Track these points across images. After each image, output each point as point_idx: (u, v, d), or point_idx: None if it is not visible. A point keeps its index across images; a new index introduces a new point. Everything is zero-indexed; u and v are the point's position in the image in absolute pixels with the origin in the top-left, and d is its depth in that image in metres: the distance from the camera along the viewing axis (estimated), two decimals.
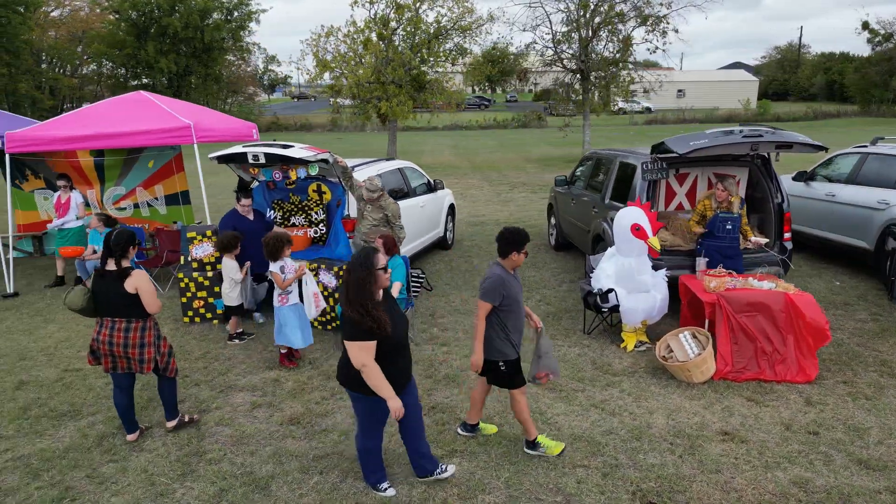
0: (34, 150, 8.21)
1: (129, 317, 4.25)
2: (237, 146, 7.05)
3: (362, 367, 3.45)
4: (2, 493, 3.99)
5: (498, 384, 4.19)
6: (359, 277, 3.42)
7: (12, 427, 4.82)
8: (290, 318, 5.62)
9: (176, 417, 4.60)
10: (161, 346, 4.41)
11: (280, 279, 5.60)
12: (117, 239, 4.23)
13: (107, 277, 4.23)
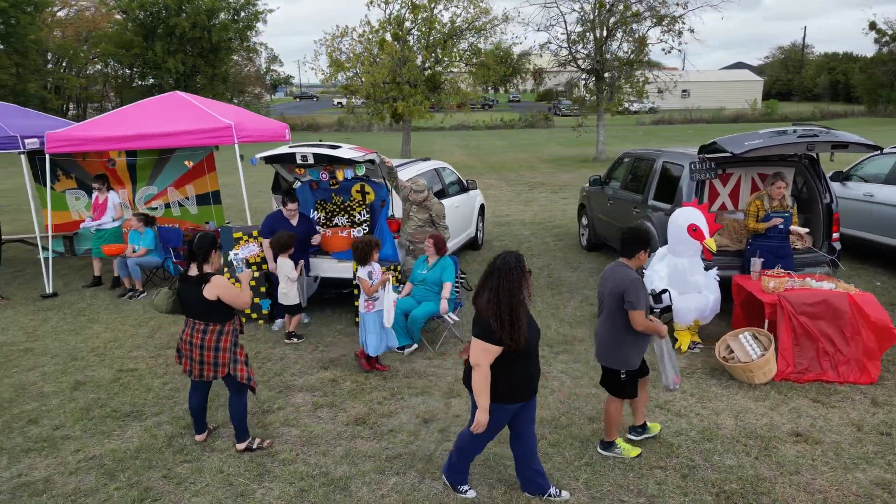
0: (74, 151, 8.22)
1: (206, 320, 4.25)
2: (283, 146, 7.05)
3: (476, 365, 3.38)
4: (81, 493, 3.99)
5: (609, 388, 4.14)
6: (514, 280, 3.31)
7: (78, 427, 4.82)
8: (373, 324, 5.54)
9: (245, 440, 4.44)
10: (237, 354, 4.37)
11: (367, 285, 5.51)
12: (200, 243, 4.23)
13: (189, 282, 4.23)
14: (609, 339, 4.03)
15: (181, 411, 5.03)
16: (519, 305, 3.33)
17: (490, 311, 3.33)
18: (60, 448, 4.52)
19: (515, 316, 3.31)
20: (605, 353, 4.07)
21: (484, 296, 3.39)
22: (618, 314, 3.98)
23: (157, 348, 6.40)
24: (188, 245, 4.27)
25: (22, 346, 6.50)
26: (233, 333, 4.35)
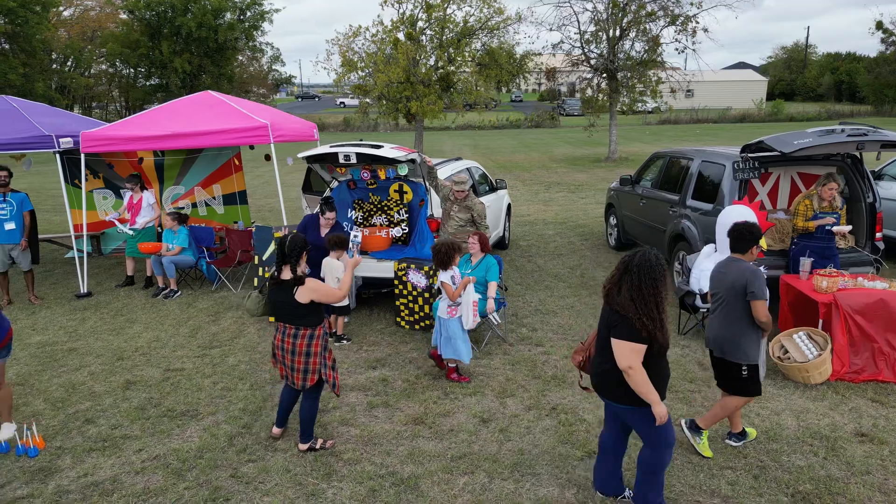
0: (110, 150, 8.22)
1: (297, 325, 4.24)
2: (324, 146, 7.05)
3: (628, 368, 3.26)
4: (151, 493, 3.99)
5: (731, 389, 4.12)
6: (655, 278, 3.26)
7: (136, 427, 4.81)
8: (459, 331, 5.36)
9: (309, 441, 4.43)
10: (326, 359, 4.33)
11: (451, 290, 5.34)
12: (292, 245, 4.20)
13: (282, 285, 4.21)
14: (729, 334, 4.02)
15: (237, 411, 5.03)
16: (664, 302, 3.29)
17: (637, 309, 3.24)
18: (122, 448, 4.52)
19: (663, 312, 3.28)
20: (726, 349, 4.05)
21: (622, 294, 3.30)
22: (737, 308, 3.98)
23: (201, 348, 6.40)
24: (279, 248, 4.24)
25: (65, 346, 6.50)
26: (323, 338, 4.31)
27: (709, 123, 49.10)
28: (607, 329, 3.41)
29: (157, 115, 8.44)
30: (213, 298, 8.02)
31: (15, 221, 7.84)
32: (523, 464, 4.20)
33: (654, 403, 3.31)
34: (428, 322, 6.67)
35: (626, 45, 22.76)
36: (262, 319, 7.16)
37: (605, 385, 3.49)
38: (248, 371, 5.80)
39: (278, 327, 4.32)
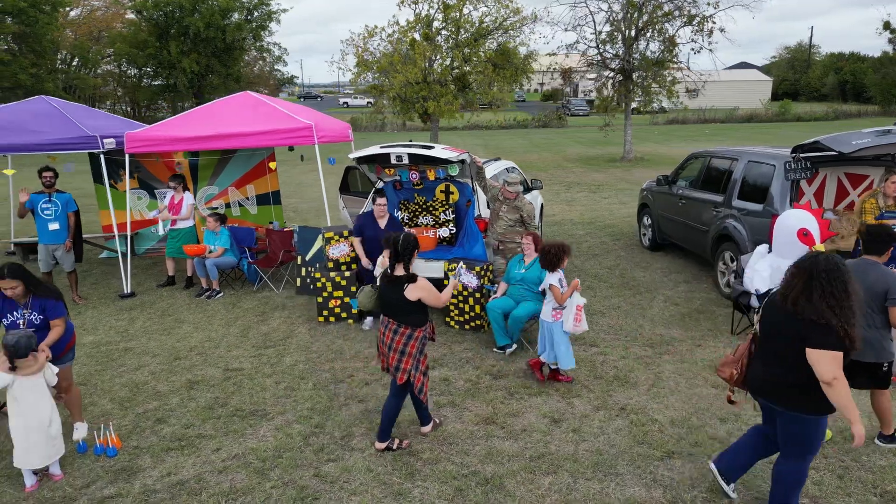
0: (154, 151, 8.25)
1: (400, 322, 4.29)
2: (373, 146, 7.07)
3: (833, 380, 3.08)
4: (238, 492, 4.01)
5: (872, 385, 4.16)
6: (845, 281, 3.15)
7: (209, 426, 4.84)
8: (562, 335, 5.26)
9: (386, 441, 4.45)
10: (420, 363, 4.35)
11: (559, 292, 5.22)
12: (405, 244, 4.27)
13: (393, 282, 4.28)
14: (870, 336, 4.03)
15: (305, 410, 5.05)
16: (852, 307, 3.18)
17: (837, 316, 3.12)
18: (199, 447, 4.54)
19: (852, 315, 3.16)
20: (867, 352, 4.06)
21: (815, 302, 3.15)
22: (876, 310, 4.00)
23: (255, 348, 6.42)
24: (392, 245, 4.29)
25: (119, 346, 6.53)
26: (421, 341, 4.34)
27: (716, 123, 49.06)
28: (793, 341, 3.23)
29: (199, 116, 8.46)
30: (256, 299, 8.05)
31: (59, 222, 7.87)
32: (603, 464, 4.22)
33: (854, 421, 3.16)
34: (478, 322, 6.69)
35: (641, 45, 22.76)
36: (312, 319, 7.18)
37: (785, 396, 3.34)
38: (308, 371, 5.82)
39: (382, 321, 4.40)
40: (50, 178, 7.89)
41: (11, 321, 4.27)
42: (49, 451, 4.09)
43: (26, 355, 4.01)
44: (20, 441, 4.01)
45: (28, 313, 4.30)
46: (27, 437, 4.02)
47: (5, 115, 8.34)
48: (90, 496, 3.99)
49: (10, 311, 4.27)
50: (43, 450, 4.07)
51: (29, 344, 4.01)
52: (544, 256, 5.37)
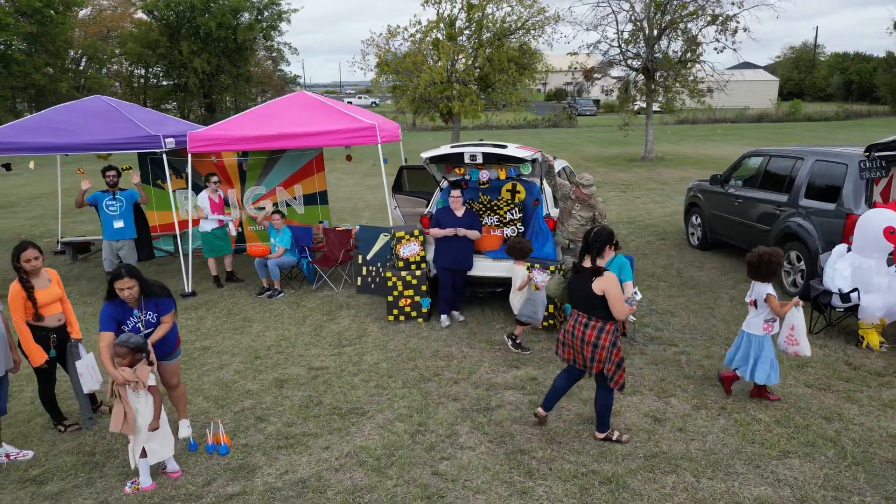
0: (216, 150, 8.26)
1: (589, 314, 4.31)
2: (444, 146, 7.08)
3: None
4: (362, 490, 4.02)
5: None
6: None
7: (311, 425, 4.85)
8: (771, 350, 4.90)
9: (605, 431, 4.50)
10: (613, 355, 4.31)
11: (776, 303, 4.82)
12: (596, 237, 4.30)
13: (581, 273, 4.31)
14: None
15: (403, 409, 5.06)
16: None
17: None
18: (308, 445, 4.55)
19: None
20: None
21: None
22: None
23: (332, 347, 6.43)
24: (584, 237, 4.30)
25: (197, 345, 6.54)
26: (613, 333, 4.30)
27: (726, 123, 49.02)
28: None
29: (257, 116, 8.47)
30: (318, 298, 8.06)
31: (124, 219, 7.88)
32: (720, 463, 4.22)
33: None
34: (551, 322, 6.70)
35: (664, 44, 22.75)
36: (380, 318, 7.19)
37: None
38: (392, 369, 5.83)
39: (572, 314, 4.44)
40: (113, 177, 7.90)
41: (133, 325, 4.28)
42: (163, 450, 4.10)
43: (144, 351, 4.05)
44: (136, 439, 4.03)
45: (144, 314, 4.30)
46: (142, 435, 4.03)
47: (67, 115, 8.37)
48: (215, 494, 4.00)
49: (129, 315, 4.27)
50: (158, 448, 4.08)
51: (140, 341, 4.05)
52: (756, 265, 4.86)
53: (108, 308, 4.23)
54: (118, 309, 4.25)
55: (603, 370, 4.33)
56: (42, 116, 8.42)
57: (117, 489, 4.07)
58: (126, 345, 3.96)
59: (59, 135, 7.93)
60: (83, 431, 4.80)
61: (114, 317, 4.23)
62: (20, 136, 7.93)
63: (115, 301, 4.25)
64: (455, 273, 6.93)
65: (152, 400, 4.03)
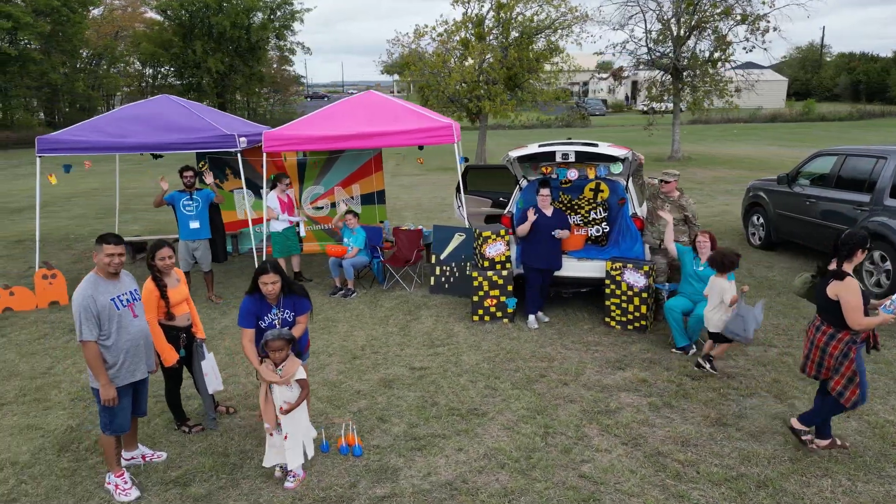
0: (292, 149, 8.23)
1: (822, 319, 4.22)
2: (532, 145, 7.03)
3: None
4: (513, 492, 3.97)
5: None
6: None
7: (436, 426, 4.80)
8: None
9: (828, 439, 4.37)
10: (843, 367, 4.10)
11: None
12: (846, 240, 4.14)
13: (824, 276, 4.21)
14: None
15: (522, 410, 5.01)
16: None
17: None
18: (441, 446, 4.51)
19: None
20: None
21: None
22: None
23: (426, 347, 6.38)
24: (834, 240, 4.21)
25: None
26: (845, 343, 4.09)
27: (740, 123, 48.93)
28: None
29: (328, 116, 8.44)
30: (393, 297, 8.01)
31: (200, 220, 7.84)
32: (870, 466, 4.17)
33: None
34: (643, 323, 6.65)
35: (692, 43, 22.68)
36: (463, 318, 7.14)
37: None
38: (495, 370, 5.78)
39: (814, 319, 4.32)
40: (190, 177, 7.86)
41: (269, 322, 4.24)
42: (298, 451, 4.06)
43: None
44: (273, 440, 4.00)
45: (281, 312, 4.27)
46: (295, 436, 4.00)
47: (139, 114, 8.32)
48: (367, 496, 3.96)
49: (267, 311, 4.24)
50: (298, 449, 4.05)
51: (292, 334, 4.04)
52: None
53: (248, 303, 4.20)
54: (257, 304, 4.22)
55: (830, 381, 4.17)
56: (113, 116, 8.38)
57: (265, 490, 4.03)
58: (282, 337, 3.93)
59: (136, 134, 7.89)
60: (207, 432, 4.76)
61: (253, 312, 4.21)
62: (94, 136, 7.89)
63: (255, 296, 4.22)
64: (544, 273, 6.88)
65: (300, 393, 4.01)
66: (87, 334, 3.74)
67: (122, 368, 3.91)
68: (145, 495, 3.99)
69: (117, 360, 3.88)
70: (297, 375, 4.00)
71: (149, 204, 15.77)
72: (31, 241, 11.65)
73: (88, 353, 3.76)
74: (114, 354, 3.87)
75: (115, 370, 3.88)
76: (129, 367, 3.95)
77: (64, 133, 7.89)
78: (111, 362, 3.87)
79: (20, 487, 4.07)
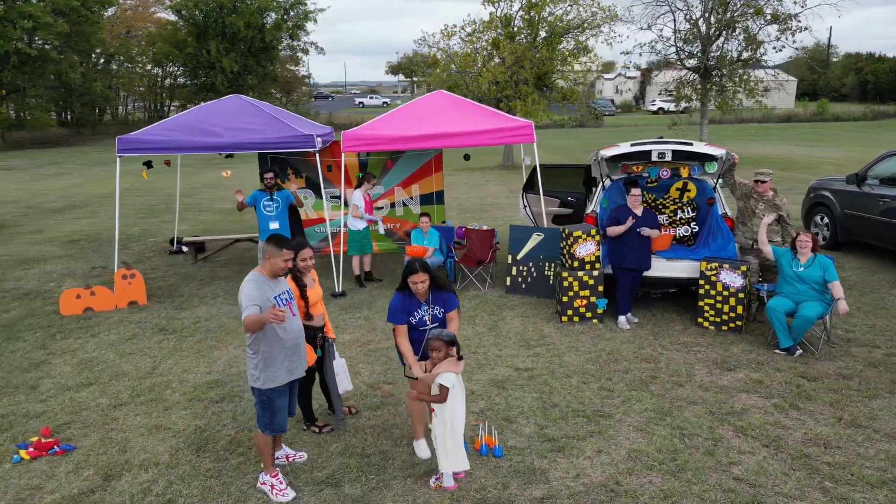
0: (370, 150, 8.20)
1: None
2: (624, 144, 7.00)
3: None
4: (673, 495, 3.93)
5: None
6: None
7: (566, 426, 4.76)
8: None
9: None
10: None
11: None
12: None
13: None
14: None
15: (648, 412, 4.97)
16: None
17: None
18: (579, 447, 4.47)
19: None
20: None
21: None
22: None
23: (520, 347, 6.34)
24: None
25: (381, 346, 6.46)
26: None
27: (754, 123, 48.89)
28: None
29: (404, 116, 8.42)
30: (470, 297, 7.98)
31: (279, 220, 7.83)
32: None
33: None
34: (739, 323, 6.61)
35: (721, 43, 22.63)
36: (549, 319, 7.11)
37: None
38: (602, 371, 5.74)
39: None
40: (270, 179, 7.84)
41: (419, 318, 4.22)
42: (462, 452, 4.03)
43: None
44: (447, 443, 3.96)
45: (431, 308, 4.24)
46: (455, 438, 3.96)
47: (216, 114, 8.30)
48: (524, 497, 3.92)
49: (416, 307, 4.21)
50: (462, 451, 4.01)
51: (452, 335, 3.99)
52: None
53: (398, 300, 4.19)
54: (407, 301, 4.20)
55: None
56: (191, 115, 8.37)
57: (418, 491, 4.00)
58: (440, 338, 3.90)
59: (215, 134, 7.86)
60: (337, 432, 4.73)
61: (403, 309, 4.20)
62: (173, 135, 7.86)
63: (404, 293, 4.21)
64: (634, 273, 6.85)
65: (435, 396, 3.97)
66: (250, 310, 3.68)
67: (283, 367, 3.89)
68: (300, 495, 3.97)
69: (280, 355, 3.86)
70: (440, 380, 3.93)
71: (188, 204, 15.77)
72: (86, 241, 11.65)
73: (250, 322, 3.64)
74: (277, 351, 3.85)
75: (278, 366, 3.86)
76: (289, 365, 3.93)
77: (144, 133, 7.88)
78: (274, 356, 3.85)
79: (172, 488, 4.05)
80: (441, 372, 3.92)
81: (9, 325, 7.20)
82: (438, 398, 3.88)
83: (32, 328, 7.06)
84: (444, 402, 3.88)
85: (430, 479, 4.09)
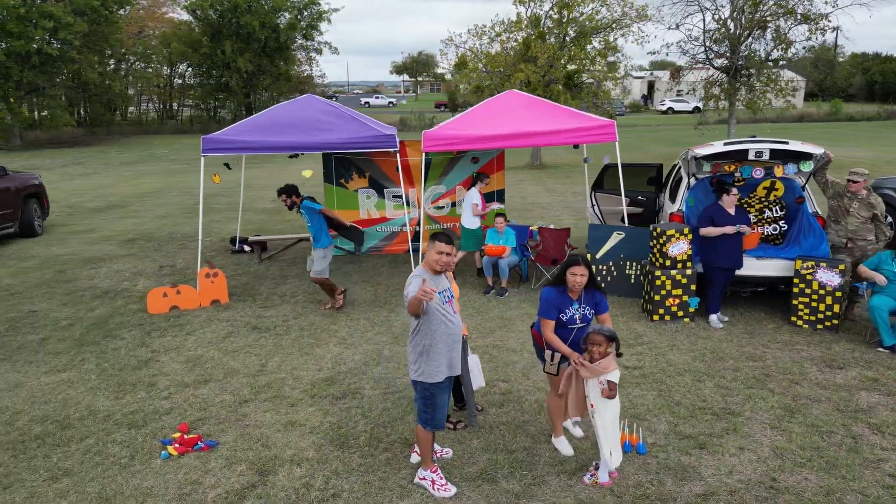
0: (451, 149, 8.22)
1: None
2: (717, 143, 7.01)
3: None
4: (835, 491, 3.94)
5: None
6: None
7: (699, 424, 4.78)
8: None
9: None
10: None
11: None
12: None
13: None
14: None
15: (775, 410, 4.98)
16: None
17: None
18: (720, 445, 4.47)
19: None
20: None
21: None
22: None
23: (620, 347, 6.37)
24: None
25: (488, 342, 6.48)
26: None
27: (767, 123, 48.84)
28: None
29: (480, 116, 8.44)
30: None
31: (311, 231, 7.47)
32: None
33: None
34: (835, 322, 6.61)
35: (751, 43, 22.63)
36: (636, 318, 7.13)
37: None
38: (712, 370, 5.75)
39: None
40: (284, 201, 7.45)
41: (569, 316, 4.24)
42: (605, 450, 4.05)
43: None
44: (614, 440, 3.98)
45: (582, 307, 4.26)
46: (615, 433, 3.98)
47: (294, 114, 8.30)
48: (685, 494, 3.94)
49: (568, 305, 4.23)
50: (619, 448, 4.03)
51: (613, 331, 4.01)
52: None
53: (551, 294, 4.21)
54: (559, 297, 4.22)
55: None
56: (269, 115, 8.37)
57: (574, 487, 4.02)
58: (602, 332, 3.92)
59: (295, 133, 7.87)
60: (472, 429, 4.75)
61: (555, 304, 4.21)
62: (255, 135, 7.85)
63: (559, 288, 4.22)
64: (727, 272, 6.85)
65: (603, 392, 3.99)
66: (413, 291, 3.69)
67: (444, 360, 3.91)
68: (460, 490, 3.99)
69: (443, 348, 3.88)
70: (609, 376, 3.96)
71: (230, 204, 15.80)
72: (144, 240, 11.68)
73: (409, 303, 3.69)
74: (441, 343, 3.87)
75: (440, 359, 3.88)
76: (449, 361, 3.95)
77: (226, 133, 7.89)
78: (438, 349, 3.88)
79: (332, 483, 4.07)
80: (603, 368, 3.94)
81: (100, 322, 7.23)
82: (609, 393, 3.90)
83: (125, 326, 7.09)
84: (614, 398, 3.90)
85: (585, 475, 4.12)
